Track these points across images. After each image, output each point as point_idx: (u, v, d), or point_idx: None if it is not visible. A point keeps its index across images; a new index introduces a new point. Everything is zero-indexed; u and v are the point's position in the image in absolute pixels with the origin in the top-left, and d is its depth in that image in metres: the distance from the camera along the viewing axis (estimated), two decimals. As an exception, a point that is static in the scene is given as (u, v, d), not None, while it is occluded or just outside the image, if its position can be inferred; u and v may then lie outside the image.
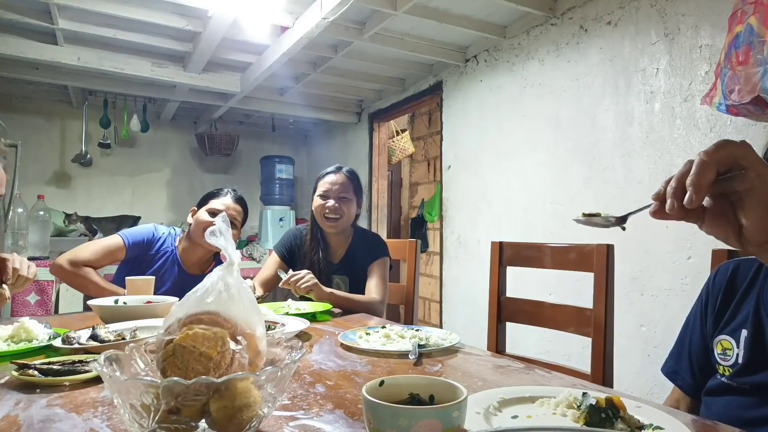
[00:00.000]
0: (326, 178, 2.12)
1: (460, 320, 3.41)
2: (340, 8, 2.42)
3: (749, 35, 1.58)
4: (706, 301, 1.05)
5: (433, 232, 4.91)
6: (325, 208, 2.08)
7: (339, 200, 2.08)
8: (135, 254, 2.02)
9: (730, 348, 0.95)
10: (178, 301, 0.77)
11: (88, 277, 1.87)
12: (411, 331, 1.40)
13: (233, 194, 2.17)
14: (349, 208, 2.10)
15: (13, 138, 3.43)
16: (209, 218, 2.04)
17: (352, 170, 2.19)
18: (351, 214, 2.13)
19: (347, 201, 2.10)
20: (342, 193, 2.09)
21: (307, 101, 4.38)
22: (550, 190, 2.72)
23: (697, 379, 1.05)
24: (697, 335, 1.06)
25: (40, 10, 2.74)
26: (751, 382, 0.90)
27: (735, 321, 0.97)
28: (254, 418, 0.68)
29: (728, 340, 0.96)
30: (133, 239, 2.02)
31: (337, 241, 2.17)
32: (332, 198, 2.08)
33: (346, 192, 2.10)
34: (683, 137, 2.10)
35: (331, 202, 2.07)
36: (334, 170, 2.14)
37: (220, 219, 0.79)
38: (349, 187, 2.12)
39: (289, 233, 2.26)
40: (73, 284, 1.88)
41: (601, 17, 2.46)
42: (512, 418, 0.80)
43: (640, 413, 0.77)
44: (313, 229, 2.16)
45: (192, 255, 2.11)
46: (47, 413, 0.81)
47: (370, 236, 2.24)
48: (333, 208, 2.07)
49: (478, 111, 3.26)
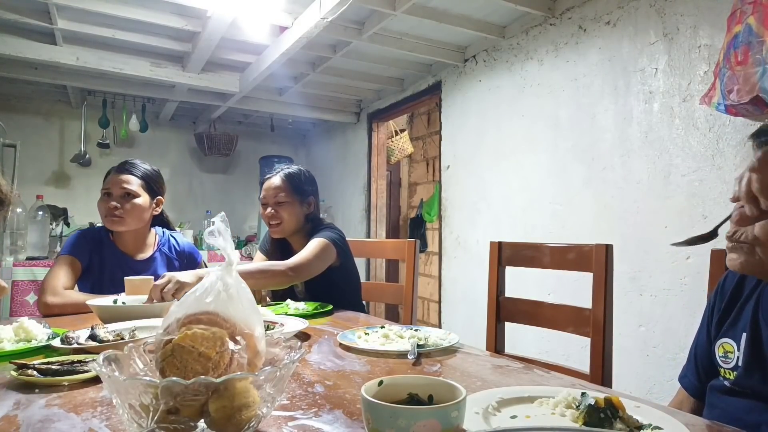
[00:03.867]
0: (264, 185, 2.06)
1: (459, 320, 3.41)
2: (339, 8, 2.42)
3: (748, 35, 1.58)
4: (713, 303, 1.05)
5: (432, 232, 4.91)
6: (265, 217, 2.05)
7: (275, 206, 2.02)
8: (86, 264, 1.97)
9: (732, 351, 0.95)
10: (177, 301, 0.77)
11: (76, 298, 1.79)
12: (410, 331, 1.40)
13: (124, 167, 2.05)
14: (288, 211, 2.03)
15: (12, 138, 3.43)
16: (106, 201, 1.97)
17: (290, 172, 2.08)
18: (294, 216, 2.05)
19: (284, 205, 2.02)
20: (277, 198, 2.02)
21: (306, 101, 4.38)
22: (549, 190, 2.73)
23: (702, 381, 1.05)
24: (703, 337, 1.06)
25: (39, 10, 2.74)
26: (751, 386, 0.90)
27: (738, 324, 0.97)
28: (253, 418, 0.68)
29: (730, 343, 0.96)
30: (78, 250, 1.96)
31: (295, 240, 2.10)
32: (270, 205, 2.03)
33: (281, 196, 2.02)
34: (682, 137, 2.10)
35: (269, 209, 2.03)
36: (271, 174, 2.07)
37: (218, 219, 0.79)
38: (285, 189, 2.03)
39: (268, 232, 2.24)
40: (66, 312, 1.80)
41: (600, 17, 2.46)
42: (511, 417, 0.80)
43: (638, 413, 0.77)
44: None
45: (125, 242, 2.04)
46: (46, 413, 0.81)
47: (323, 226, 2.11)
48: (270, 215, 2.03)
49: (477, 111, 3.26)
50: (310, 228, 2.09)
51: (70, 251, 1.95)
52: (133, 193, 1.99)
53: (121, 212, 1.96)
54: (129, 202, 1.98)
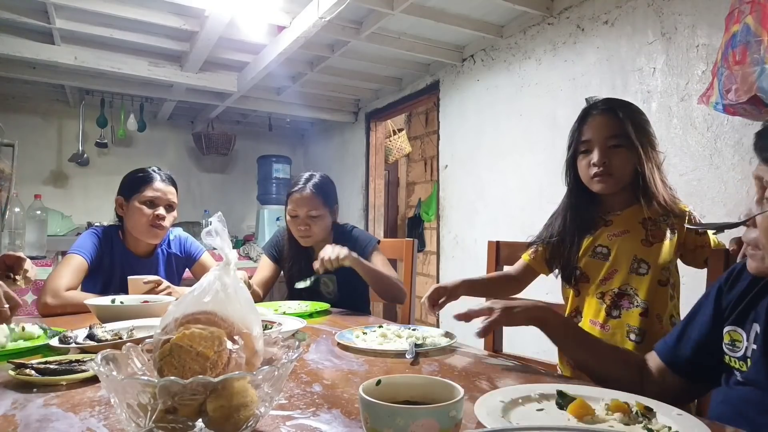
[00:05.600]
0: (294, 196, 2.06)
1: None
2: (337, 8, 2.42)
3: (746, 35, 1.59)
4: (722, 286, 1.02)
5: (430, 231, 4.91)
6: (297, 230, 2.06)
7: (308, 220, 2.04)
8: (96, 264, 1.97)
9: (740, 340, 0.95)
10: (175, 301, 0.77)
11: (77, 299, 1.78)
12: (408, 330, 1.40)
13: (162, 175, 2.07)
14: (320, 224, 2.07)
15: (10, 137, 3.41)
16: (150, 210, 1.97)
17: (318, 183, 2.09)
18: (324, 227, 2.09)
19: (317, 219, 2.05)
20: (309, 213, 2.04)
21: (304, 101, 4.37)
22: (547, 189, 2.73)
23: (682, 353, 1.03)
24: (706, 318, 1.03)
25: (37, 9, 2.74)
26: (758, 381, 0.89)
27: (749, 315, 0.95)
28: (251, 417, 0.68)
29: (738, 332, 0.95)
30: (90, 252, 1.95)
31: (319, 246, 2.11)
32: (301, 217, 2.04)
33: (313, 209, 2.04)
34: (680, 137, 2.10)
35: (302, 226, 2.05)
36: (301, 186, 2.07)
37: (215, 219, 0.79)
38: (317, 202, 2.04)
39: (277, 233, 2.28)
40: (66, 313, 1.80)
41: (598, 17, 2.46)
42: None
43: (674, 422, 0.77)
44: (291, 235, 2.14)
45: (138, 247, 2.06)
46: (44, 413, 0.81)
47: (350, 232, 2.18)
48: (303, 230, 2.05)
49: (475, 110, 3.26)
50: (334, 232, 2.16)
51: (78, 250, 1.95)
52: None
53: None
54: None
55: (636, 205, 1.43)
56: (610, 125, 1.42)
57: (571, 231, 1.51)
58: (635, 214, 1.43)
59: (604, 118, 1.44)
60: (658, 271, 1.38)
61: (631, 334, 1.37)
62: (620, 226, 1.45)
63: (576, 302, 1.51)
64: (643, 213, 1.41)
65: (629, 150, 1.40)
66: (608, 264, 1.43)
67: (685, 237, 1.41)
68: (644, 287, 1.38)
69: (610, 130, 1.41)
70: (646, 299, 1.37)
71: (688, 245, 1.41)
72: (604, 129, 1.42)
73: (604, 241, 1.46)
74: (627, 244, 1.42)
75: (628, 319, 1.38)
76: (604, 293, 1.43)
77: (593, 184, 1.44)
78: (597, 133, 1.43)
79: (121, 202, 2.03)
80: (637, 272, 1.39)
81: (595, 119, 1.45)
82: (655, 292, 1.38)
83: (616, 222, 1.46)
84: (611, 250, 1.44)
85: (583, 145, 1.46)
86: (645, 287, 1.37)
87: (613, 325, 1.40)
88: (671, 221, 1.41)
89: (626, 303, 1.39)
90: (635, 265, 1.39)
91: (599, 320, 1.42)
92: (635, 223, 1.43)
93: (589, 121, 1.46)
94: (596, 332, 1.41)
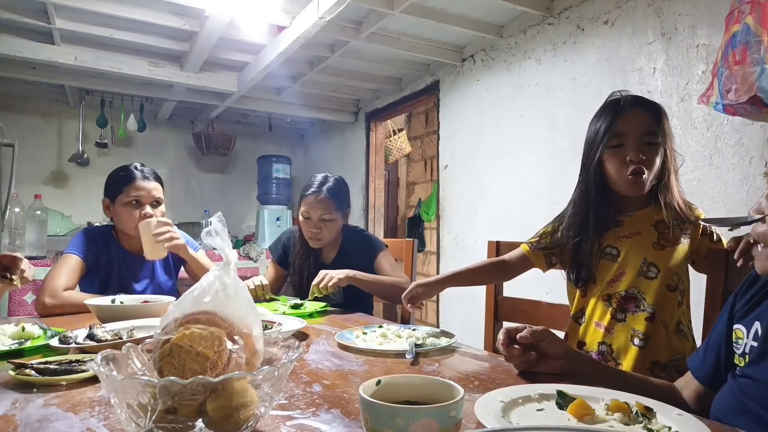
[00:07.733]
0: (308, 199, 2.07)
1: (457, 320, 3.41)
2: (337, 8, 2.42)
3: (746, 35, 1.59)
4: (739, 288, 1.03)
5: (430, 231, 4.91)
6: (309, 231, 2.08)
7: (321, 223, 2.06)
8: (92, 264, 1.96)
9: (742, 337, 0.95)
10: (175, 301, 0.77)
11: (75, 299, 1.78)
12: (408, 330, 1.40)
13: (145, 172, 2.02)
14: (331, 228, 2.09)
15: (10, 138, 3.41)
16: (136, 210, 1.95)
17: (333, 187, 2.10)
18: (336, 230, 2.12)
19: (328, 222, 2.07)
20: (323, 216, 2.06)
21: (304, 101, 4.37)
22: (547, 189, 2.73)
23: (708, 364, 1.03)
24: (724, 320, 1.04)
25: (37, 9, 2.73)
26: (761, 377, 0.90)
27: (752, 312, 0.96)
28: (251, 417, 0.68)
29: (741, 329, 0.96)
30: (86, 251, 1.95)
31: (327, 245, 2.17)
32: (313, 220, 2.06)
33: (326, 213, 2.06)
34: (680, 137, 2.10)
35: (314, 229, 2.07)
36: (315, 189, 2.08)
37: (215, 219, 0.79)
38: (330, 206, 2.06)
39: (284, 235, 2.30)
40: (65, 312, 1.80)
41: (598, 17, 2.46)
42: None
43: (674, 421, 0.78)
44: (301, 236, 2.15)
45: (133, 245, 2.03)
46: (44, 413, 0.81)
47: (359, 235, 2.22)
48: (314, 233, 2.07)
49: (475, 110, 3.26)
50: (343, 234, 2.19)
51: (75, 250, 1.94)
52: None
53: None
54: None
55: (649, 208, 1.40)
56: (648, 121, 1.35)
57: (593, 231, 1.44)
58: (648, 216, 1.40)
59: (641, 112, 1.36)
60: (667, 276, 1.35)
61: (635, 339, 1.35)
62: (632, 227, 1.41)
63: (581, 303, 1.48)
64: (657, 216, 1.38)
65: (660, 149, 1.35)
66: (617, 265, 1.40)
67: (698, 243, 1.39)
68: (652, 291, 1.35)
69: (647, 126, 1.35)
70: (653, 304, 1.35)
71: (702, 251, 1.39)
72: (642, 124, 1.35)
73: (613, 242, 1.42)
74: (638, 246, 1.39)
75: (634, 323, 1.36)
76: (610, 295, 1.40)
77: (626, 183, 1.36)
78: (635, 128, 1.35)
79: (107, 204, 2.01)
80: (645, 275, 1.37)
81: (633, 112, 1.36)
82: (663, 297, 1.35)
83: (627, 223, 1.42)
84: (621, 251, 1.41)
85: (615, 139, 1.36)
86: (653, 291, 1.35)
87: (618, 329, 1.38)
88: (685, 226, 1.38)
89: (633, 306, 1.37)
90: (644, 268, 1.37)
91: (604, 323, 1.40)
92: (647, 225, 1.40)
93: (625, 114, 1.37)
94: (600, 334, 1.41)
